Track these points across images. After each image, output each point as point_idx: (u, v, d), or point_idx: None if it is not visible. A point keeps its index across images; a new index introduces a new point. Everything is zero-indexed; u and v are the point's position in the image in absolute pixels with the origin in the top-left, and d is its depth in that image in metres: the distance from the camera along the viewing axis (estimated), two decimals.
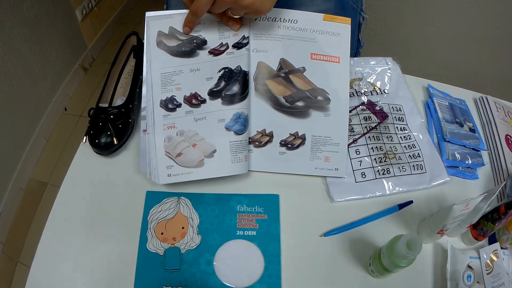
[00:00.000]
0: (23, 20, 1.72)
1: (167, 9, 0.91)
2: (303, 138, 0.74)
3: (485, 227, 0.66)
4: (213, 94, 0.70)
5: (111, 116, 0.76)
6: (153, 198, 0.71)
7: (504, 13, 1.42)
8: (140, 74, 0.82)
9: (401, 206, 0.72)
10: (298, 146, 0.74)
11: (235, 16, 0.66)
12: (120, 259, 0.66)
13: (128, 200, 0.72)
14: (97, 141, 0.74)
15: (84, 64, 2.29)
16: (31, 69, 1.84)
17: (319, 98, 0.74)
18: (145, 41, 0.70)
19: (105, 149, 0.74)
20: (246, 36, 0.72)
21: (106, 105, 0.78)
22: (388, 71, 0.87)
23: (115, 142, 0.74)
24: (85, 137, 0.77)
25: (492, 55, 1.61)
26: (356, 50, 0.98)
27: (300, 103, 0.74)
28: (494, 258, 0.65)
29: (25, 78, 1.80)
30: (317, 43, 0.74)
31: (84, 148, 0.77)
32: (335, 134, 0.75)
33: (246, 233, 0.69)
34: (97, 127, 0.75)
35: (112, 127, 0.75)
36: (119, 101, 0.79)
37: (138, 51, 0.87)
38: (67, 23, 2.07)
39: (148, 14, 0.71)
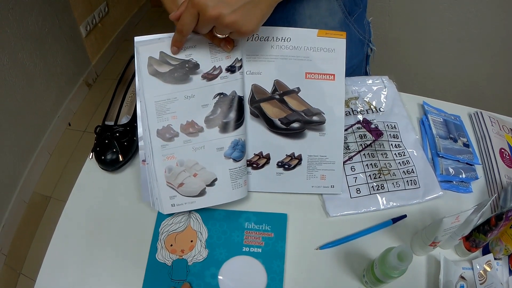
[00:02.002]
0: (28, 35, 1.74)
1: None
2: (299, 159, 0.75)
3: (477, 239, 0.67)
4: (210, 121, 0.69)
5: (117, 134, 0.78)
6: None
7: (502, 29, 1.44)
8: None
9: (395, 220, 0.73)
10: (294, 167, 0.75)
11: (220, 36, 0.63)
12: (128, 268, 0.68)
13: (135, 214, 0.74)
14: (103, 157, 0.76)
15: (88, 80, 2.30)
16: (36, 84, 1.86)
17: (314, 118, 0.74)
18: (136, 69, 0.68)
19: (111, 165, 0.77)
20: (239, 59, 0.70)
21: (112, 123, 0.80)
22: (384, 89, 0.88)
23: (121, 159, 0.77)
24: (91, 153, 0.79)
25: (490, 70, 1.62)
26: None
27: (295, 125, 0.74)
28: (488, 269, 0.66)
29: (29, 93, 1.81)
30: (311, 61, 0.72)
31: (90, 163, 0.79)
32: (330, 153, 0.75)
33: (252, 249, 0.70)
34: (103, 144, 0.78)
35: (118, 145, 0.77)
36: (124, 119, 0.82)
37: None
38: (72, 39, 2.08)
39: (137, 39, 0.68)
